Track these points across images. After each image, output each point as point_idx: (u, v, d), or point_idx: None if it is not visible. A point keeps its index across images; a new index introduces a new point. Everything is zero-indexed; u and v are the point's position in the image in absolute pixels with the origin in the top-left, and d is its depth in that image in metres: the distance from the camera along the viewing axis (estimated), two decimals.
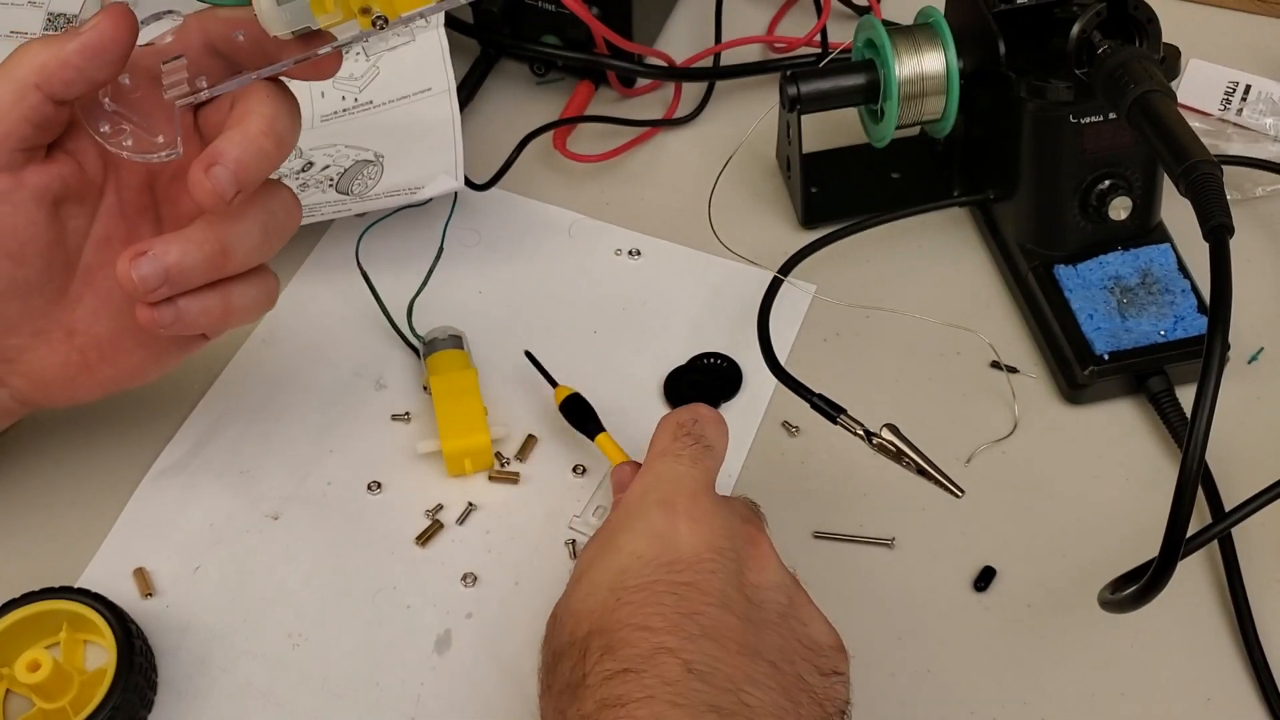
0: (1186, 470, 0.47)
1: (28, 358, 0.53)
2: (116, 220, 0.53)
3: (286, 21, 0.46)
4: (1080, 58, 0.61)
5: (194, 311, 0.51)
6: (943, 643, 0.56)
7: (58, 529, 0.59)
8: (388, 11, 0.46)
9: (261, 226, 0.51)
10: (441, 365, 0.63)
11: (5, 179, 0.49)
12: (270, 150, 0.49)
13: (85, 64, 0.48)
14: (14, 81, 0.48)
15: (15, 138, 0.49)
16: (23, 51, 0.49)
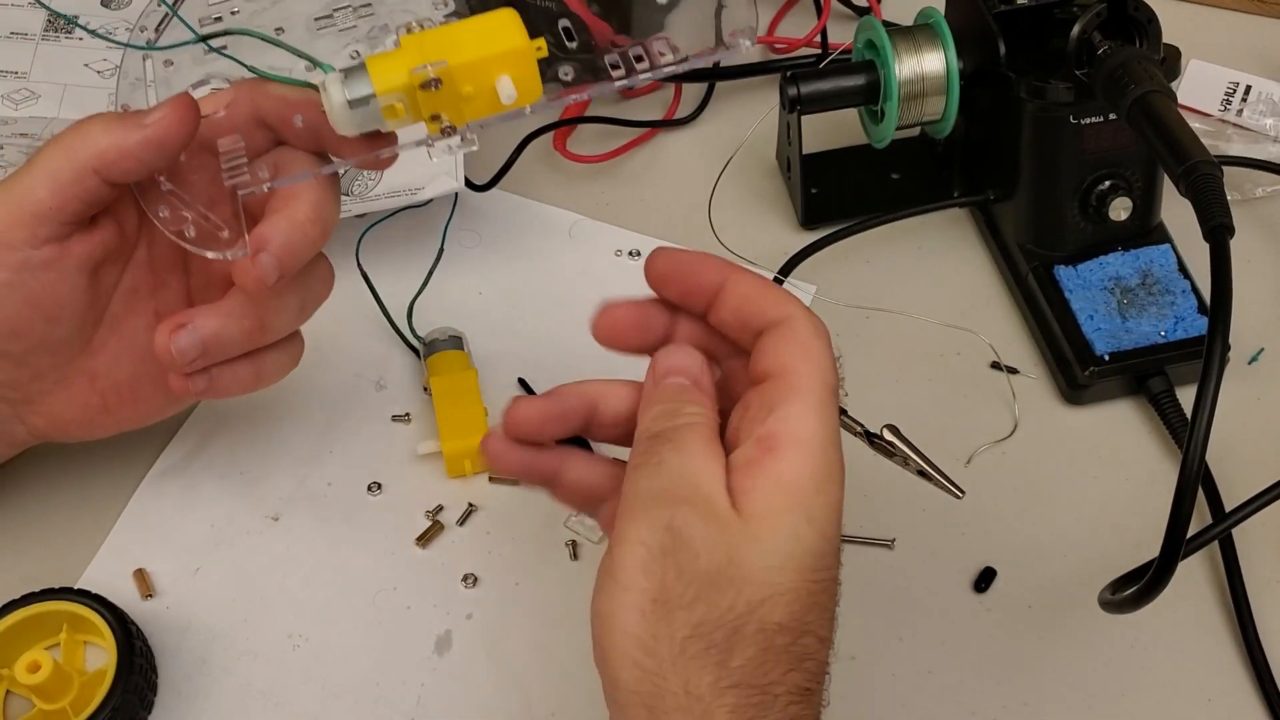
0: (1187, 471, 0.47)
1: (49, 400, 0.53)
2: (145, 272, 0.53)
3: (357, 124, 0.46)
4: (1080, 58, 0.61)
5: (226, 380, 0.52)
6: (943, 644, 0.56)
7: (58, 530, 0.59)
8: (455, 120, 0.46)
9: (299, 301, 0.53)
10: (442, 366, 0.63)
11: (52, 249, 0.49)
12: (315, 237, 0.49)
13: (147, 156, 0.48)
14: (73, 162, 0.48)
15: (67, 213, 0.49)
16: (84, 130, 0.48)
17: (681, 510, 0.40)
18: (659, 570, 0.39)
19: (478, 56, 0.45)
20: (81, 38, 0.80)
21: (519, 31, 0.46)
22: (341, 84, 0.45)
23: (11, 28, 0.79)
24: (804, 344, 0.43)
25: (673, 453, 0.42)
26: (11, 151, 0.71)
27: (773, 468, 0.41)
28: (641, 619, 0.39)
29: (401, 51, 0.45)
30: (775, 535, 0.40)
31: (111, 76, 0.78)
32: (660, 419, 0.43)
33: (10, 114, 0.76)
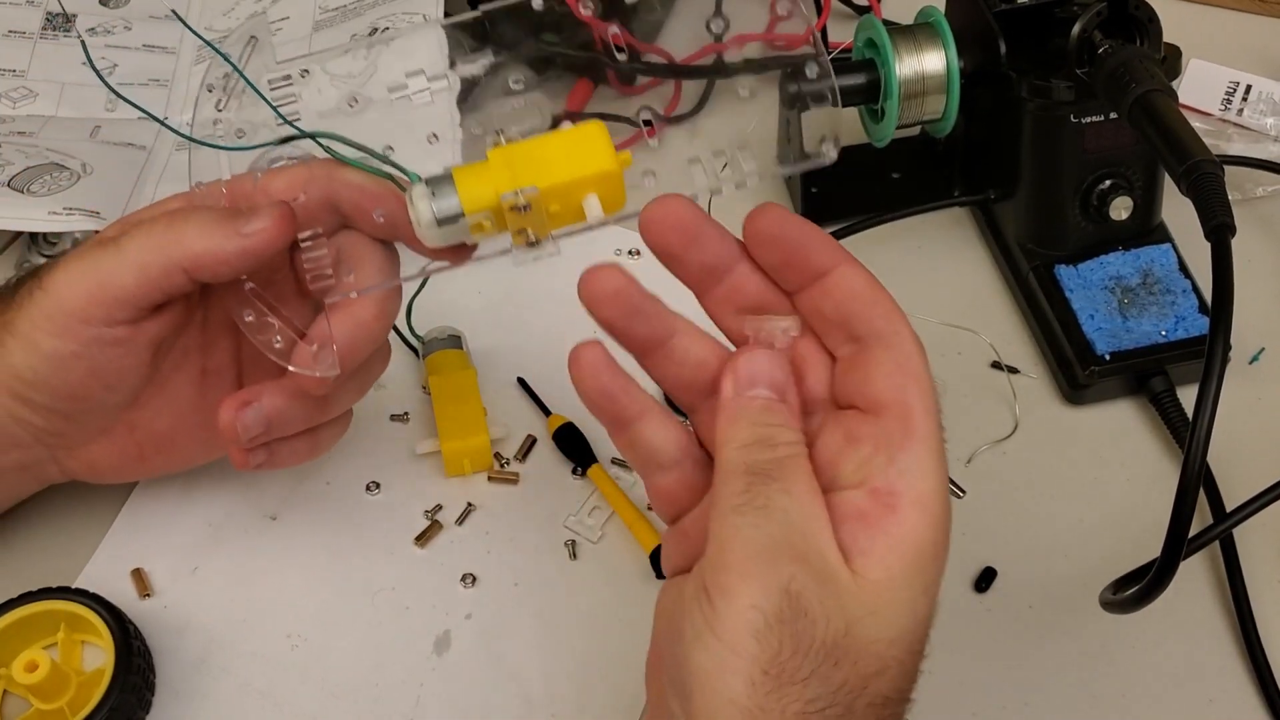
0: (1188, 471, 0.47)
1: (88, 448, 0.54)
2: (198, 332, 0.53)
3: (444, 238, 0.46)
4: (1081, 57, 0.61)
5: (284, 454, 0.53)
6: (944, 644, 0.56)
7: (56, 529, 0.59)
8: (540, 232, 0.45)
9: (359, 383, 0.53)
10: (440, 365, 0.63)
11: (125, 330, 0.49)
12: (378, 335, 0.50)
13: (241, 265, 0.48)
14: (164, 259, 0.47)
15: (148, 302, 0.49)
16: (180, 228, 0.48)
17: (800, 573, 0.36)
18: (774, 640, 0.36)
19: (567, 180, 0.44)
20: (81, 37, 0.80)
21: (607, 151, 0.45)
22: (429, 199, 0.44)
23: (9, 26, 0.79)
24: (919, 375, 0.39)
25: (781, 495, 0.38)
26: (9, 150, 0.71)
27: (894, 530, 0.38)
28: (750, 689, 0.36)
29: (489, 166, 0.44)
30: (893, 609, 0.37)
31: (109, 75, 0.78)
32: (756, 449, 0.39)
33: (8, 112, 0.75)
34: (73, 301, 0.48)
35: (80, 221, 0.68)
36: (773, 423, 0.39)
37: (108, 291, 0.48)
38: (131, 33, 0.81)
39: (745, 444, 0.39)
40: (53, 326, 0.48)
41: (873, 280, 0.42)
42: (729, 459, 0.39)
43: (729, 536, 0.37)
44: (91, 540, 0.59)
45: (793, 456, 0.39)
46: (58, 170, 0.70)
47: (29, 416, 0.51)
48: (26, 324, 0.49)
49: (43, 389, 0.50)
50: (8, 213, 0.68)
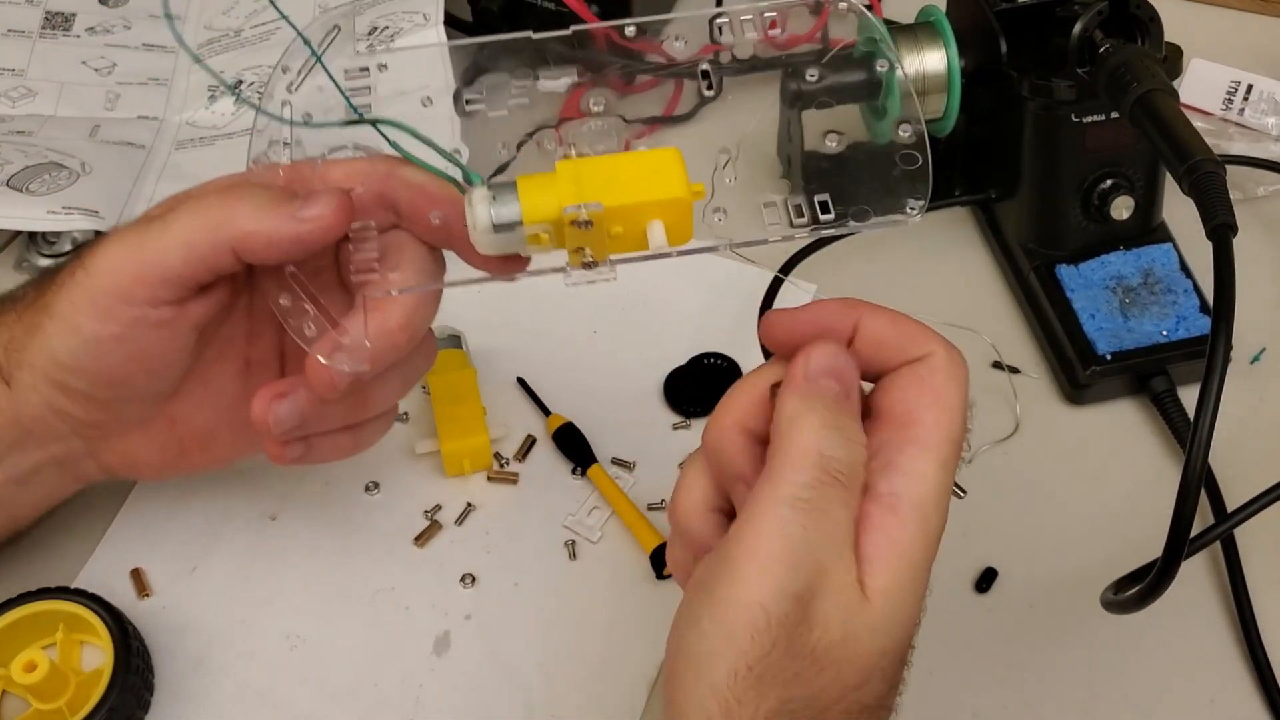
0: (1189, 471, 0.46)
1: (126, 440, 0.52)
2: (242, 319, 0.52)
3: (499, 246, 0.44)
4: (1082, 56, 0.61)
5: (324, 449, 0.51)
6: (945, 644, 0.56)
7: (55, 529, 0.59)
8: (598, 254, 0.43)
9: (402, 379, 0.51)
10: (440, 365, 0.62)
11: (169, 310, 0.47)
12: (401, 345, 0.47)
13: (293, 250, 0.46)
14: (213, 238, 0.46)
15: (194, 282, 0.47)
16: (231, 206, 0.46)
17: (817, 583, 0.36)
18: (768, 641, 0.36)
19: (634, 202, 0.42)
20: (79, 35, 0.80)
21: (680, 177, 0.43)
22: (489, 204, 0.43)
23: (9, 25, 0.79)
24: (937, 390, 0.40)
25: (841, 507, 0.37)
26: (8, 149, 0.71)
27: (897, 535, 0.38)
28: (731, 680, 0.36)
29: (555, 179, 0.43)
30: (890, 621, 0.37)
31: (109, 74, 0.78)
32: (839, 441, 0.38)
33: (7, 111, 0.75)
34: (116, 281, 0.46)
35: (79, 221, 0.68)
36: (842, 424, 0.39)
37: (153, 270, 0.46)
38: (131, 32, 0.80)
39: (824, 424, 0.38)
40: (94, 309, 0.47)
41: (893, 316, 0.42)
42: (803, 442, 0.38)
43: (771, 527, 0.37)
44: (90, 540, 0.59)
45: (863, 462, 0.38)
46: (57, 169, 0.70)
47: (67, 406, 0.49)
48: (67, 305, 0.47)
49: (82, 375, 0.48)
50: (7, 212, 0.68)
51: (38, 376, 0.49)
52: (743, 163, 0.72)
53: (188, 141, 0.75)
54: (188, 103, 0.77)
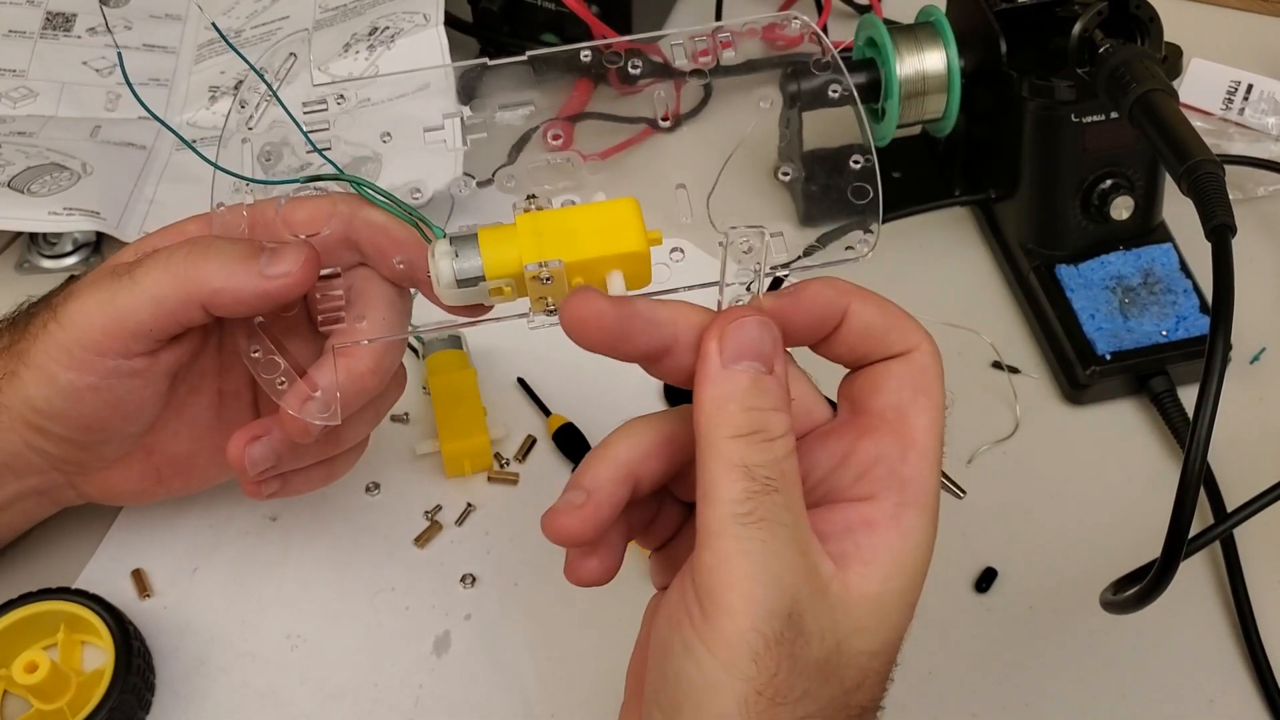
0: (1189, 471, 0.46)
1: (105, 473, 0.53)
2: (214, 356, 0.53)
3: (462, 298, 0.44)
4: (1082, 57, 0.61)
5: (298, 483, 0.52)
6: (944, 644, 0.56)
7: (56, 530, 0.59)
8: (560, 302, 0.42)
9: (373, 413, 0.52)
10: (441, 365, 0.63)
11: (143, 361, 0.48)
12: (371, 389, 0.48)
13: (260, 306, 0.46)
14: (181, 293, 0.46)
15: (164, 334, 0.48)
16: (200, 262, 0.46)
17: (803, 595, 0.36)
18: (772, 663, 0.35)
19: (594, 257, 0.42)
20: (80, 36, 0.80)
21: (638, 231, 0.43)
22: (451, 259, 0.43)
23: (10, 25, 0.79)
24: (928, 390, 0.39)
25: (785, 511, 0.36)
26: (10, 150, 0.71)
27: (898, 544, 0.37)
28: (743, 709, 0.35)
29: (515, 231, 0.43)
30: (881, 622, 0.37)
31: (109, 74, 0.78)
32: (752, 444, 0.37)
33: (8, 112, 0.75)
34: (88, 335, 0.47)
35: (80, 221, 0.68)
36: (763, 405, 0.37)
37: (124, 325, 0.47)
38: (131, 32, 0.81)
39: (738, 433, 0.37)
40: (69, 360, 0.47)
41: (882, 305, 0.41)
42: (722, 450, 0.37)
43: (734, 549, 0.36)
44: (91, 541, 0.59)
45: (788, 457, 0.37)
46: (58, 170, 0.70)
47: (45, 445, 0.51)
48: (42, 356, 0.48)
49: (59, 420, 0.49)
50: (8, 213, 0.68)
51: (15, 419, 0.50)
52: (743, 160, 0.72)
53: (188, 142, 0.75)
54: (188, 103, 0.77)
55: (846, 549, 0.37)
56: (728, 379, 0.37)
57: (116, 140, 0.74)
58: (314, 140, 0.46)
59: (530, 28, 0.77)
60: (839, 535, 0.38)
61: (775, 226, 0.43)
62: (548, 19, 0.76)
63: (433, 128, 0.47)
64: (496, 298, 0.44)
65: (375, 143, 0.71)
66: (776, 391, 0.38)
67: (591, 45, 0.47)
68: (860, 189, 0.45)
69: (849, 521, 0.38)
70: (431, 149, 0.63)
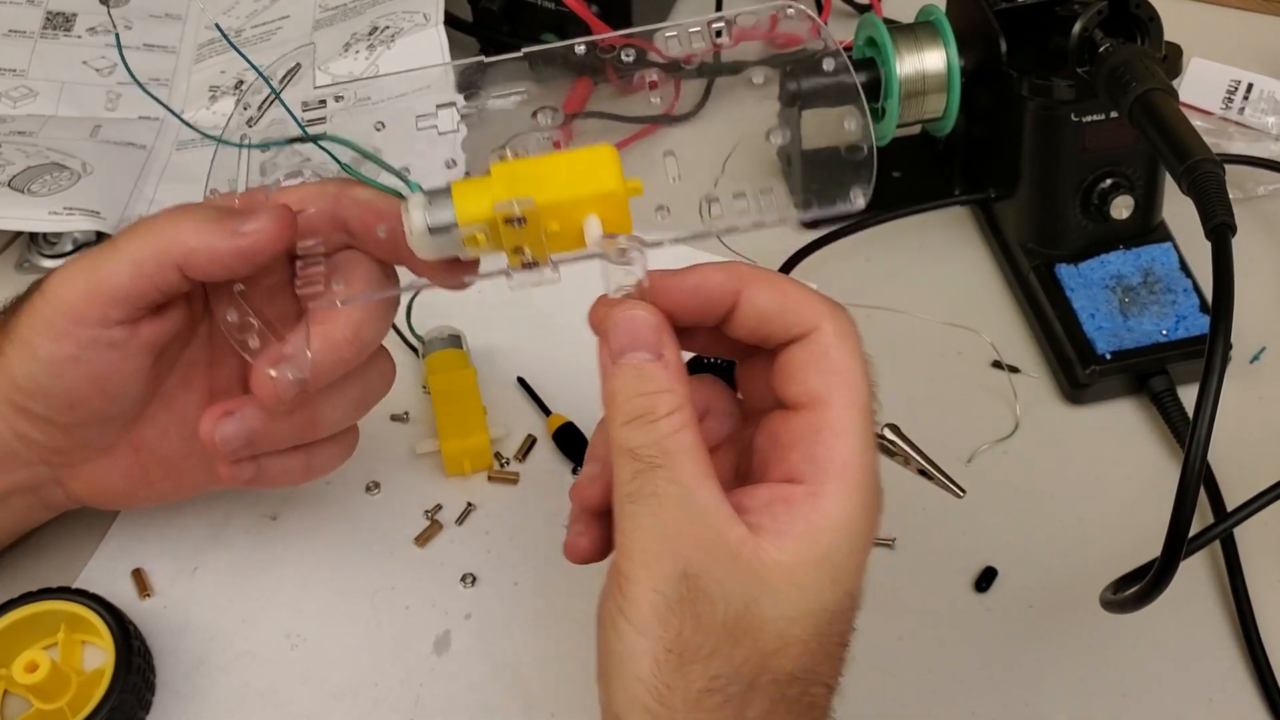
0: (1188, 470, 0.46)
1: (91, 467, 0.53)
2: (204, 346, 0.52)
3: (436, 249, 0.44)
4: (1082, 56, 0.61)
5: (275, 471, 0.51)
6: (944, 644, 0.56)
7: (56, 530, 0.59)
8: (538, 254, 0.43)
9: (355, 398, 0.51)
10: (440, 365, 0.63)
11: (122, 330, 0.48)
12: (349, 358, 0.48)
13: (236, 264, 0.46)
14: (158, 254, 0.46)
15: (144, 300, 0.48)
16: (176, 224, 0.47)
17: (698, 556, 0.38)
18: (676, 621, 0.38)
19: (567, 197, 0.42)
20: (80, 35, 0.80)
21: (614, 173, 0.43)
22: (424, 208, 0.43)
23: (10, 25, 0.79)
24: (835, 366, 0.40)
25: (669, 484, 0.38)
26: (10, 150, 0.71)
27: (813, 516, 0.39)
28: (656, 667, 0.38)
29: (490, 180, 0.43)
30: (796, 589, 0.38)
31: (109, 74, 0.78)
32: (637, 427, 0.39)
33: (9, 112, 0.75)
34: (68, 302, 0.47)
35: (80, 221, 0.68)
36: (649, 390, 0.39)
37: (103, 290, 0.47)
38: (132, 31, 0.81)
39: (626, 420, 0.39)
40: (50, 330, 0.48)
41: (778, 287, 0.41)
42: (614, 437, 0.40)
43: (629, 526, 0.39)
44: (92, 540, 0.59)
45: (675, 433, 0.39)
46: (58, 170, 0.70)
47: (30, 431, 0.50)
48: (25, 329, 0.48)
49: (41, 398, 0.49)
50: (8, 212, 0.68)
51: (0, 401, 0.50)
52: (743, 160, 0.72)
53: (189, 142, 0.75)
54: (189, 103, 0.77)
55: (764, 520, 0.39)
56: (616, 374, 0.40)
57: (117, 140, 0.74)
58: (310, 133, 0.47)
59: (530, 27, 0.77)
60: (760, 509, 0.39)
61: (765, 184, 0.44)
62: (547, 18, 0.76)
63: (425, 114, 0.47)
64: (472, 248, 0.44)
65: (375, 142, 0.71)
66: (661, 375, 0.40)
67: (587, 40, 0.47)
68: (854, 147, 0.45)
69: (771, 497, 0.40)
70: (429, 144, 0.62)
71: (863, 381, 0.41)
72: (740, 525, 0.38)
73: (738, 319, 0.42)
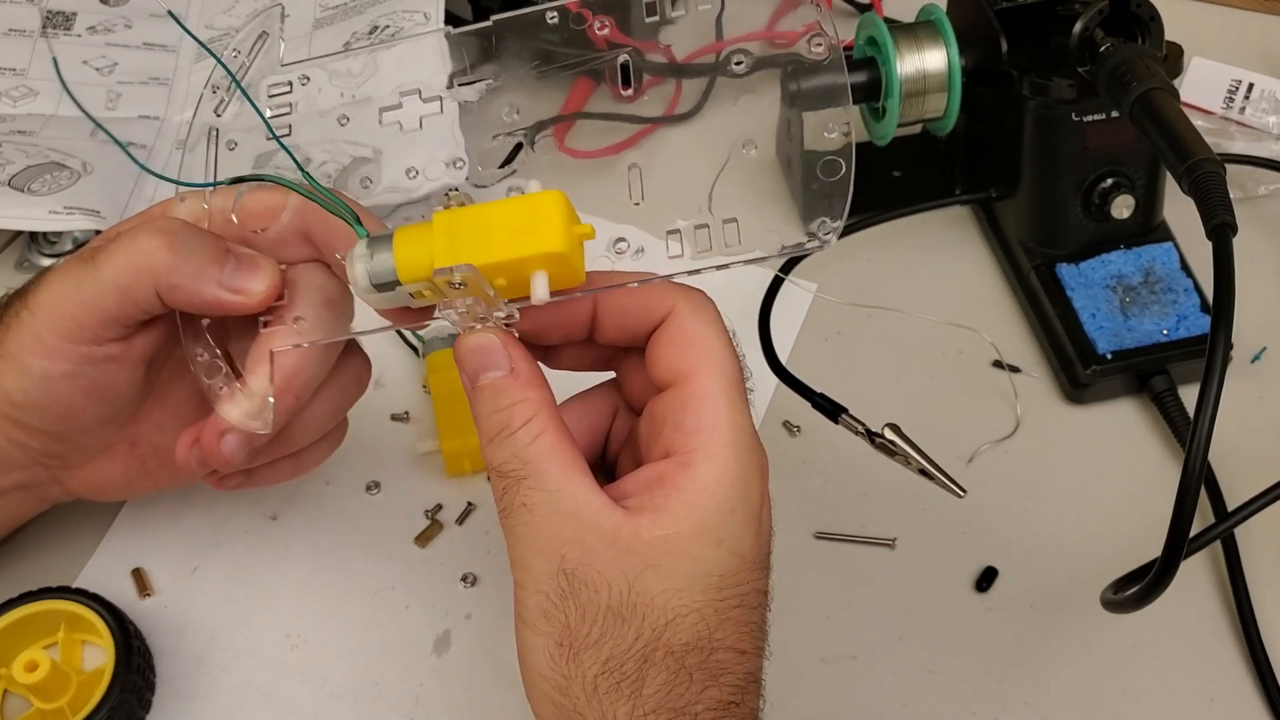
0: (1189, 470, 0.46)
1: (89, 467, 0.53)
2: None
3: (384, 301, 0.43)
4: (1082, 55, 0.61)
5: (265, 475, 0.52)
6: (944, 643, 0.56)
7: (56, 529, 0.59)
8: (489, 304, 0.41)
9: (330, 410, 0.51)
10: (441, 364, 0.63)
11: (116, 346, 0.48)
12: (289, 407, 0.47)
13: (213, 312, 0.47)
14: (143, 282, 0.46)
15: (133, 320, 0.48)
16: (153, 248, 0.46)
17: (573, 551, 0.39)
18: (561, 615, 0.39)
19: (508, 259, 0.40)
20: (80, 35, 0.80)
21: (558, 227, 0.40)
22: (366, 261, 0.42)
23: (10, 25, 0.79)
24: (694, 340, 0.41)
25: (533, 491, 0.40)
26: (10, 149, 0.71)
27: (687, 486, 0.40)
28: (551, 661, 0.40)
29: (431, 230, 0.41)
30: (676, 559, 0.39)
31: (110, 74, 0.78)
32: (497, 444, 0.41)
33: (9, 111, 0.75)
34: (59, 322, 0.47)
35: (80, 220, 0.68)
36: (503, 405, 0.41)
37: (91, 313, 0.47)
38: (132, 31, 0.80)
39: (489, 440, 0.41)
40: (42, 347, 0.47)
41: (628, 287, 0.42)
42: (486, 459, 0.41)
43: (510, 540, 0.41)
44: (91, 540, 0.59)
45: (533, 441, 0.40)
46: (58, 169, 0.70)
47: (24, 439, 0.50)
48: (15, 345, 0.48)
49: (35, 411, 0.49)
50: (8, 212, 0.68)
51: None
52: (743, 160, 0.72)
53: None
54: (189, 102, 0.77)
55: (643, 501, 0.40)
56: (475, 397, 0.42)
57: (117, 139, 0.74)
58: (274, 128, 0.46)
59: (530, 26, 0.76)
60: (639, 491, 0.40)
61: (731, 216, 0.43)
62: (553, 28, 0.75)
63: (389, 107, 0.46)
64: (419, 300, 0.42)
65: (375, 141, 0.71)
66: (513, 388, 0.41)
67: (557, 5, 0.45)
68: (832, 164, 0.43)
69: (648, 479, 0.41)
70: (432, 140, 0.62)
71: (723, 350, 0.41)
72: (616, 511, 0.39)
73: (601, 323, 0.43)
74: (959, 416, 0.64)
